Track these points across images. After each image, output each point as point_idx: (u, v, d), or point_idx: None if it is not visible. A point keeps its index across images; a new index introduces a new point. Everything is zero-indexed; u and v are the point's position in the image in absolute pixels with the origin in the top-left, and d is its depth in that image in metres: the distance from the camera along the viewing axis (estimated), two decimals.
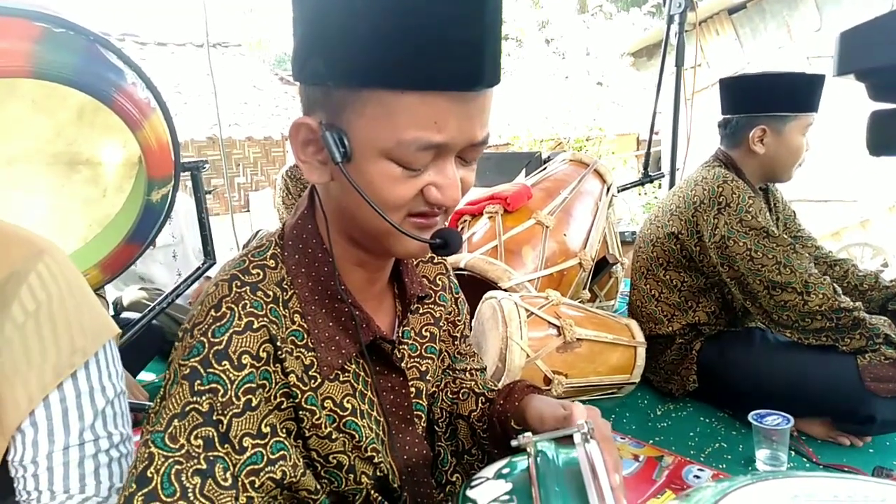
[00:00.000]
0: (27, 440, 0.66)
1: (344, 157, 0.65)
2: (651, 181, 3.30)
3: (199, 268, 2.02)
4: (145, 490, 0.63)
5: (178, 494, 0.63)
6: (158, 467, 0.64)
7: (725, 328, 1.88)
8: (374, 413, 0.82)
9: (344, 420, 0.77)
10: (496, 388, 1.00)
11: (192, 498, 0.63)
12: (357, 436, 0.78)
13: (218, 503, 0.64)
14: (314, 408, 0.75)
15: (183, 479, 0.64)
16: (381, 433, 0.82)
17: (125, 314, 2.38)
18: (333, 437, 0.77)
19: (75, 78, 1.28)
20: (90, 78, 1.31)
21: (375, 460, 0.80)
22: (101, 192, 1.64)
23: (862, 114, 0.99)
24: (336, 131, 0.65)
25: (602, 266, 2.41)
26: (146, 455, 0.64)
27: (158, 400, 0.69)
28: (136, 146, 1.46)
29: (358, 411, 0.78)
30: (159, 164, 1.51)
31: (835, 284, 1.60)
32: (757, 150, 1.76)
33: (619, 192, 2.70)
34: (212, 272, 2.06)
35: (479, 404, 0.97)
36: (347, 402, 0.78)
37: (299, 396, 0.73)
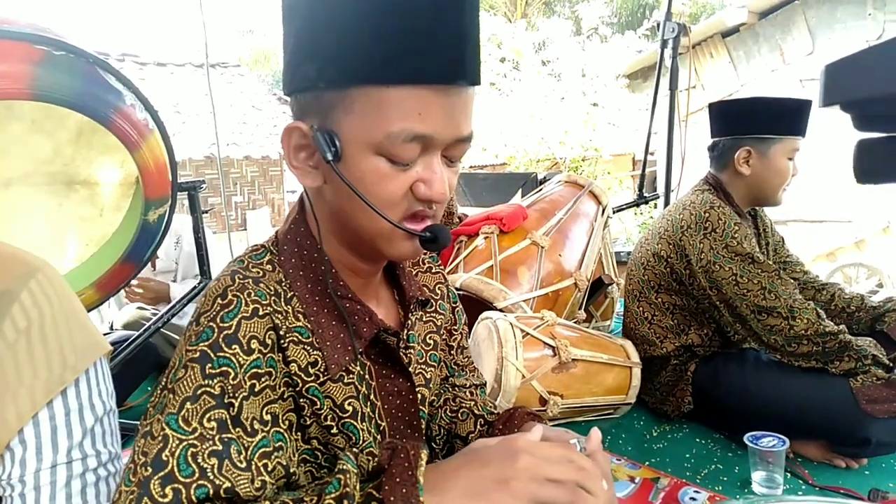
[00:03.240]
0: (16, 458, 0.66)
1: (335, 156, 0.67)
2: (646, 202, 3.33)
3: (194, 287, 2.02)
4: (161, 473, 0.62)
5: (197, 475, 0.62)
6: (174, 450, 0.63)
7: (720, 350, 1.88)
8: (376, 417, 0.81)
9: (342, 421, 0.77)
10: (495, 412, 1.00)
11: (212, 477, 0.63)
12: (354, 438, 0.78)
13: (236, 484, 0.63)
14: (315, 398, 0.75)
15: (199, 460, 0.63)
16: (380, 437, 0.82)
17: (122, 332, 2.37)
18: (333, 431, 0.77)
19: (75, 100, 1.30)
20: (89, 100, 1.33)
21: (372, 464, 0.79)
22: (97, 212, 1.65)
23: (856, 136, 1.00)
24: (326, 132, 0.68)
25: (598, 286, 2.42)
26: (160, 437, 0.63)
27: (160, 389, 0.68)
28: (133, 166, 1.47)
29: (359, 414, 0.78)
30: (156, 185, 1.52)
31: (818, 309, 1.62)
32: (742, 172, 1.79)
33: (614, 212, 2.72)
34: None
35: (478, 426, 0.97)
36: (349, 404, 0.77)
37: (300, 385, 0.74)
